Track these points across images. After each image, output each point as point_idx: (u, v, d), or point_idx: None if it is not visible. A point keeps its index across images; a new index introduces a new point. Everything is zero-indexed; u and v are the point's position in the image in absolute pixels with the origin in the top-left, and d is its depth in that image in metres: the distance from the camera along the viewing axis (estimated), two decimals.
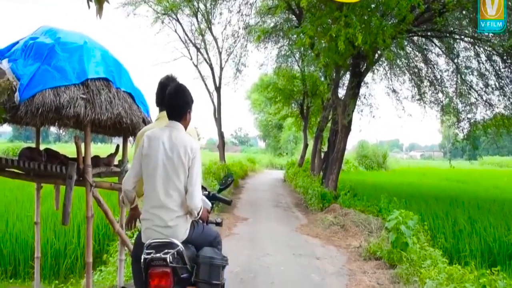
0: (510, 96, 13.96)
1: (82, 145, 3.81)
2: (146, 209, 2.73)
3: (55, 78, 3.57)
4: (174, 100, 2.82)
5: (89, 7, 2.67)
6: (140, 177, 2.79)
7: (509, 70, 13.59)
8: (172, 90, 2.84)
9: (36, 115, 3.42)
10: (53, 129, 4.44)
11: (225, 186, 3.59)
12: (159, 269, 2.55)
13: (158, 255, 2.56)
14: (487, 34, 12.23)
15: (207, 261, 2.74)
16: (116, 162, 4.50)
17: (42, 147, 4.28)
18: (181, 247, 2.62)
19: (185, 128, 2.85)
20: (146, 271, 2.59)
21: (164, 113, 2.91)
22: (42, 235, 6.26)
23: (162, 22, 18.79)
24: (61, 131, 4.68)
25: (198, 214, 2.74)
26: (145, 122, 4.12)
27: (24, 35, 3.94)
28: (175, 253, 2.59)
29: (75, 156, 3.84)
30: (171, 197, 2.67)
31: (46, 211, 7.91)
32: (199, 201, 2.72)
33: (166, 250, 2.57)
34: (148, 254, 2.58)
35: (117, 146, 4.48)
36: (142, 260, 2.60)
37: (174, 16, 18.81)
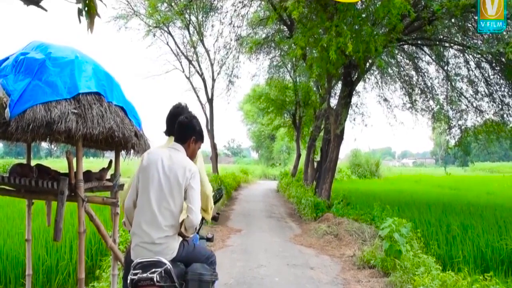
0: (500, 103, 14.14)
1: (74, 160, 3.79)
2: (137, 222, 2.74)
3: (46, 93, 3.57)
4: (182, 127, 2.95)
5: (80, 21, 2.69)
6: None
7: (498, 77, 13.80)
8: (183, 119, 2.97)
9: (27, 131, 3.41)
10: (44, 145, 4.42)
11: (215, 201, 3.59)
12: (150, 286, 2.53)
13: (145, 275, 2.54)
14: (475, 41, 12.46)
15: (196, 277, 2.73)
16: (108, 177, 4.48)
17: (33, 163, 4.25)
18: (168, 265, 2.61)
19: (190, 155, 2.93)
20: None
21: (172, 138, 3.02)
22: (34, 252, 6.19)
23: (154, 35, 18.85)
24: (52, 146, 4.66)
25: (194, 231, 2.79)
26: (137, 135, 4.12)
27: (14, 50, 3.95)
28: (163, 271, 2.58)
29: (67, 171, 3.82)
30: (163, 215, 2.69)
31: (37, 227, 7.83)
32: (197, 221, 2.74)
33: (153, 269, 2.56)
34: (135, 274, 2.56)
35: (110, 161, 4.47)
36: (129, 281, 2.57)
37: (166, 29, 18.89)
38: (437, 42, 13.26)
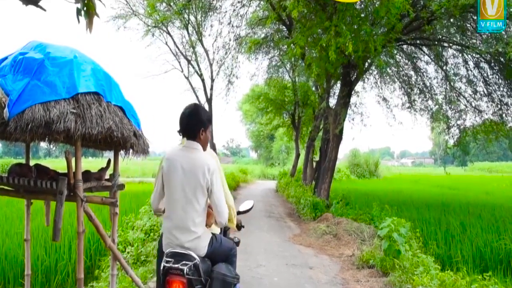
0: (498, 102, 14.16)
1: (73, 160, 3.79)
2: (166, 228, 2.92)
3: (45, 93, 3.56)
4: (187, 120, 2.92)
5: (78, 21, 2.69)
6: (163, 196, 2.98)
7: (497, 77, 13.82)
8: (185, 111, 2.96)
9: (25, 131, 3.40)
10: (43, 144, 4.42)
11: (244, 211, 3.87)
12: (176, 278, 2.74)
13: (176, 265, 2.75)
14: (474, 41, 12.47)
15: (220, 277, 2.89)
16: (107, 176, 4.47)
17: (32, 162, 4.25)
18: (198, 260, 2.79)
19: (204, 145, 2.97)
20: (164, 278, 2.78)
21: (185, 139, 3.02)
22: (33, 252, 6.19)
23: (153, 35, 18.88)
24: (51, 146, 4.65)
25: (225, 223, 2.94)
26: (136, 135, 4.11)
27: (13, 50, 3.94)
28: (192, 265, 2.77)
29: (66, 171, 3.82)
30: (190, 217, 2.82)
31: (36, 227, 7.83)
32: (226, 213, 2.88)
33: (184, 262, 2.77)
34: (167, 262, 2.78)
35: (109, 160, 4.46)
36: (161, 268, 2.79)
37: (165, 29, 18.91)
38: (436, 42, 13.28)
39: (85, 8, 2.58)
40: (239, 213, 3.76)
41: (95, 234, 6.91)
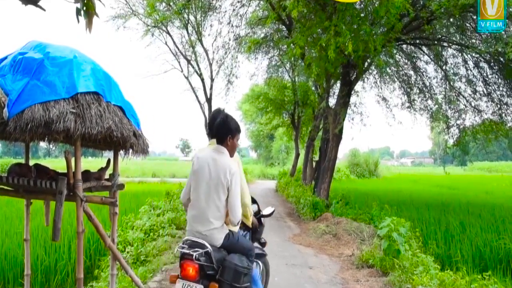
0: (498, 102, 14.16)
1: (73, 160, 3.78)
2: (189, 217, 3.38)
3: (45, 93, 3.56)
4: (217, 128, 3.41)
5: (78, 21, 2.69)
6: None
7: (496, 76, 13.82)
8: (217, 118, 3.45)
9: (25, 131, 3.40)
10: (43, 144, 4.42)
11: (267, 215, 4.13)
12: (189, 263, 3.13)
13: (188, 251, 3.15)
14: (474, 40, 12.47)
15: (232, 266, 3.21)
16: (107, 176, 4.47)
17: (31, 162, 4.25)
18: (209, 249, 3.17)
19: (231, 150, 3.40)
20: (180, 262, 3.21)
21: (214, 140, 3.48)
22: (32, 252, 6.20)
23: (152, 35, 18.84)
24: (51, 146, 4.65)
25: (238, 223, 3.31)
26: (136, 135, 4.11)
27: (13, 50, 3.94)
28: (203, 252, 3.16)
29: (66, 171, 3.81)
30: (210, 209, 3.25)
31: (36, 227, 7.84)
32: (239, 213, 3.26)
33: (196, 249, 3.16)
34: (182, 248, 3.22)
35: (108, 160, 4.46)
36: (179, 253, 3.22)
37: (164, 29, 18.88)
38: (436, 42, 13.28)
39: (84, 8, 2.58)
40: (262, 216, 4.08)
41: (95, 234, 6.91)
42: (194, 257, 3.10)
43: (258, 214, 4.11)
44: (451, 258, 7.56)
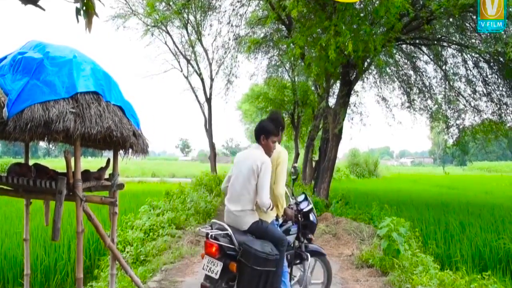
0: (498, 102, 14.16)
1: (72, 160, 3.78)
2: (226, 198, 3.95)
3: (44, 93, 3.56)
4: (255, 130, 4.04)
5: (78, 21, 2.68)
6: None
7: (496, 76, 13.82)
8: (257, 124, 4.11)
9: (25, 130, 3.39)
10: (42, 144, 4.42)
11: (306, 211, 4.39)
12: (210, 242, 3.59)
13: (208, 231, 3.65)
14: (473, 40, 12.47)
15: (250, 250, 3.52)
16: (106, 176, 4.47)
17: (31, 162, 4.24)
18: (229, 231, 3.63)
19: (265, 148, 3.91)
20: (204, 241, 3.68)
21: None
22: (32, 252, 6.20)
23: (152, 35, 18.86)
24: (50, 145, 4.65)
25: (266, 209, 3.72)
26: (136, 135, 4.11)
27: (12, 49, 3.94)
28: (224, 234, 3.63)
29: (65, 170, 3.81)
30: (242, 194, 3.78)
31: (35, 227, 7.83)
32: (266, 200, 3.68)
33: (217, 230, 3.66)
34: (206, 229, 3.72)
35: (108, 160, 4.45)
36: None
37: (164, 28, 18.90)
38: (435, 42, 13.29)
39: (84, 8, 2.58)
40: (300, 211, 4.32)
41: (95, 234, 6.91)
42: (210, 236, 3.57)
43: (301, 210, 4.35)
44: (450, 258, 7.56)
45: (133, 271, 4.69)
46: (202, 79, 19.87)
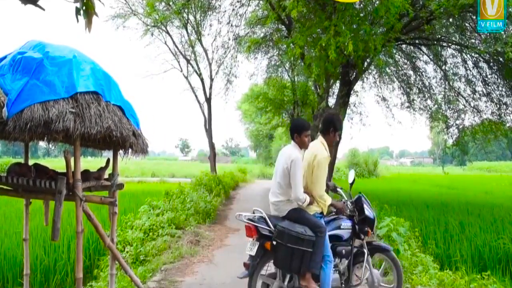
0: (497, 102, 14.16)
1: (72, 160, 3.78)
2: (270, 192, 4.32)
3: (44, 93, 3.56)
4: (289, 130, 4.41)
5: (78, 21, 2.68)
6: None
7: (496, 76, 13.82)
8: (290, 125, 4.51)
9: (24, 130, 3.40)
10: (42, 144, 4.42)
11: (352, 181, 5.08)
12: (249, 224, 4.06)
13: (246, 214, 4.13)
14: (473, 40, 12.48)
15: (283, 230, 3.90)
16: (106, 176, 4.47)
17: (31, 162, 4.25)
18: (264, 214, 4.08)
19: (300, 145, 4.25)
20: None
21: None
22: (31, 252, 6.19)
23: (152, 35, 18.81)
24: (50, 145, 4.66)
25: (302, 203, 4.04)
26: (135, 135, 4.11)
27: (12, 49, 3.94)
28: (260, 217, 4.08)
29: (65, 170, 3.81)
30: (279, 188, 4.17)
31: (35, 227, 7.83)
32: (300, 195, 3.98)
33: (254, 214, 4.14)
34: (245, 216, 4.13)
35: (108, 160, 4.46)
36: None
37: (164, 28, 18.86)
38: (435, 42, 13.29)
39: (84, 8, 2.58)
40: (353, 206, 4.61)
41: (94, 234, 6.91)
42: (249, 219, 4.05)
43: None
44: (450, 258, 7.55)
45: (132, 271, 4.70)
46: (201, 79, 19.84)
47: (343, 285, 4.40)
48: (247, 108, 36.34)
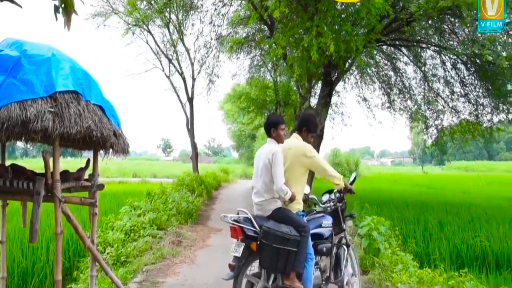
0: (474, 103, 14.48)
1: (51, 160, 3.71)
2: (252, 193, 4.32)
3: (22, 92, 3.49)
4: (264, 127, 4.41)
5: (56, 19, 2.63)
6: None
7: (473, 78, 14.13)
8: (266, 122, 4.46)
9: (1, 130, 3.32)
10: (20, 144, 4.32)
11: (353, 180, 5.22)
12: (234, 225, 4.03)
13: (231, 216, 4.07)
14: (451, 42, 12.74)
15: (269, 230, 3.89)
16: (86, 176, 4.40)
17: (8, 162, 4.15)
18: (249, 215, 4.05)
19: (277, 139, 4.27)
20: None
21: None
22: (8, 254, 6.05)
23: (133, 34, 18.62)
24: (28, 145, 4.56)
25: (284, 195, 4.04)
26: (116, 135, 4.06)
27: None
28: (245, 218, 4.05)
29: (43, 171, 3.74)
30: (263, 185, 4.15)
31: (12, 229, 7.66)
32: (280, 187, 4.01)
33: (239, 215, 4.10)
34: (233, 215, 4.11)
35: (88, 160, 4.39)
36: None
37: (146, 27, 18.68)
38: (415, 43, 13.52)
39: (63, 5, 2.54)
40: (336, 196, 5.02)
41: (74, 235, 6.80)
42: (230, 218, 4.01)
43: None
44: (429, 256, 7.70)
45: (113, 273, 4.63)
46: (183, 79, 19.72)
47: (323, 282, 4.46)
48: (229, 108, 36.28)
